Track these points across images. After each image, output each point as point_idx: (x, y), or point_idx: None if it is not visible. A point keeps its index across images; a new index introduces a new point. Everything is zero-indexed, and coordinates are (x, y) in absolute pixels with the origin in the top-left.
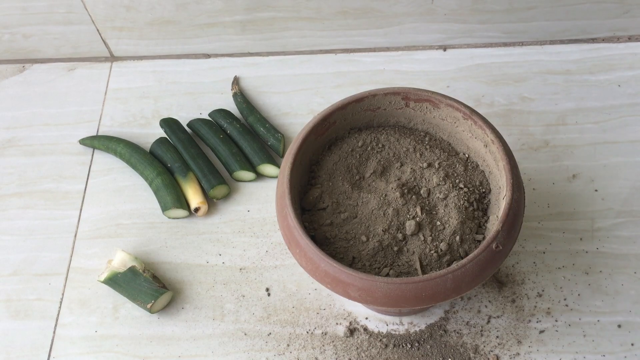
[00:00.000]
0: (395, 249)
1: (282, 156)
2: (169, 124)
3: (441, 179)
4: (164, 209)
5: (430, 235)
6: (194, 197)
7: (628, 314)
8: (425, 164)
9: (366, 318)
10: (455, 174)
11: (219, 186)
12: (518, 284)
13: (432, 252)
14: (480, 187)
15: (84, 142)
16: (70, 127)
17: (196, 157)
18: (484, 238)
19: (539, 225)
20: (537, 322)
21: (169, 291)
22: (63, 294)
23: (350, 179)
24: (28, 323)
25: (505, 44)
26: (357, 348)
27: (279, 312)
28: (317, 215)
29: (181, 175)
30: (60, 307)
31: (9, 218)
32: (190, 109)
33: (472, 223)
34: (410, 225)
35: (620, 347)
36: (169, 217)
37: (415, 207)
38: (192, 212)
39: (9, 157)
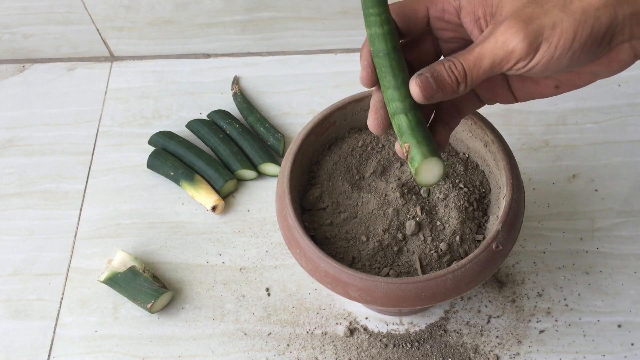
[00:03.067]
0: (395, 249)
1: (282, 156)
2: (157, 140)
3: None
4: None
5: (430, 235)
6: (209, 197)
7: (628, 314)
8: None
9: (366, 318)
10: (455, 174)
11: (230, 181)
12: (518, 284)
13: (432, 252)
14: (480, 187)
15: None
16: (70, 127)
17: (200, 156)
18: (484, 238)
19: (539, 225)
20: (537, 322)
21: (169, 291)
22: (63, 294)
23: (350, 179)
24: (28, 323)
25: None
26: (357, 348)
27: (279, 312)
28: (317, 215)
29: (188, 179)
30: (60, 307)
31: (9, 218)
32: (190, 109)
33: (472, 223)
34: (410, 225)
35: (620, 347)
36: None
37: (415, 207)
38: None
39: (9, 157)
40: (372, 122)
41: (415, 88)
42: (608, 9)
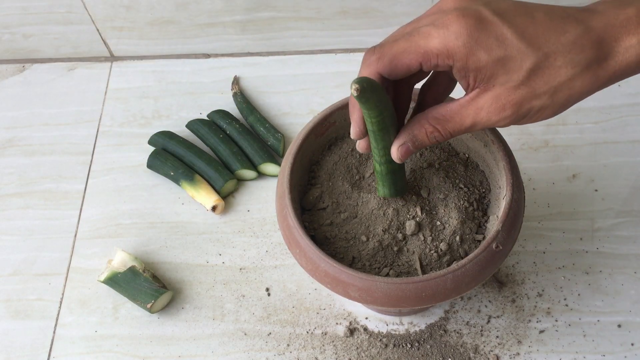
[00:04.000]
0: (395, 249)
1: (282, 156)
2: (157, 140)
3: (441, 179)
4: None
5: (431, 236)
6: (209, 197)
7: (628, 314)
8: (425, 164)
9: (366, 318)
10: (455, 174)
11: (230, 181)
12: (518, 284)
13: (432, 252)
14: (480, 187)
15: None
16: (70, 127)
17: (200, 156)
18: (484, 238)
19: (539, 225)
20: (537, 322)
21: (169, 291)
22: (63, 294)
23: (350, 179)
24: (28, 323)
25: None
26: (357, 348)
27: (279, 312)
28: (317, 215)
29: (188, 179)
30: (60, 307)
31: (9, 218)
32: (190, 109)
33: (472, 223)
34: (410, 225)
35: (620, 347)
36: None
37: (415, 207)
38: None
39: (9, 157)
40: (355, 133)
41: (395, 155)
42: (590, 93)
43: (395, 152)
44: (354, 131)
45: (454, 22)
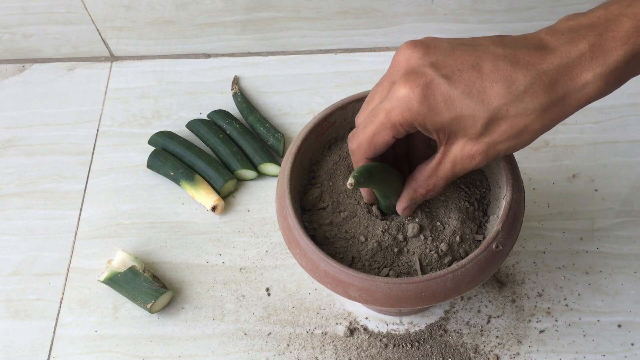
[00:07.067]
0: (396, 250)
1: (282, 156)
2: (156, 140)
3: None
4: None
5: (431, 236)
6: (209, 197)
7: (628, 314)
8: None
9: (366, 318)
10: None
11: (230, 181)
12: (518, 284)
13: (433, 252)
14: (480, 187)
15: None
16: (70, 127)
17: (200, 156)
18: (484, 238)
19: (539, 225)
20: (537, 322)
21: (169, 291)
22: (63, 294)
23: None
24: (28, 323)
25: None
26: (357, 348)
27: (279, 312)
28: (317, 215)
29: (188, 179)
30: (60, 307)
31: (9, 218)
32: (190, 109)
33: (472, 223)
34: (413, 228)
35: (621, 347)
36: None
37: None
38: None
39: (9, 157)
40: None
41: (402, 214)
42: (558, 123)
43: (401, 212)
44: (364, 198)
45: (403, 94)
